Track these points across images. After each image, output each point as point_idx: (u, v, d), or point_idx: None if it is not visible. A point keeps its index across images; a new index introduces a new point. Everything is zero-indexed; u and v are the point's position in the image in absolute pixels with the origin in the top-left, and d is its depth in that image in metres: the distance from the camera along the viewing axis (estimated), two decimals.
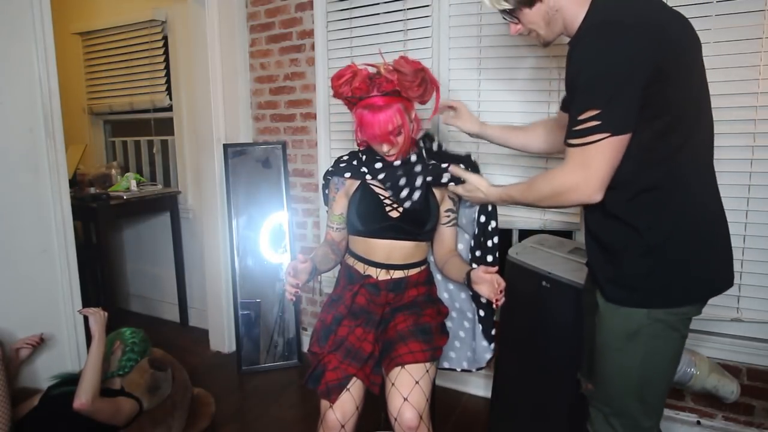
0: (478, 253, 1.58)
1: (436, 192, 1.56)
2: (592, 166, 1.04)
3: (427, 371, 1.44)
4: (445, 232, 1.61)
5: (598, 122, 1.01)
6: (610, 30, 1.01)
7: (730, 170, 1.74)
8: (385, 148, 1.48)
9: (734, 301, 1.81)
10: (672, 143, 1.06)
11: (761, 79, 1.68)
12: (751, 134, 1.72)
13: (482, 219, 1.55)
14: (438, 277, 1.73)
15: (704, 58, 1.15)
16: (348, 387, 1.43)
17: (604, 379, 1.22)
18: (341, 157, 1.63)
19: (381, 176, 1.51)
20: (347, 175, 1.56)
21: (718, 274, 1.17)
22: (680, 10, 1.70)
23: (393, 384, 1.41)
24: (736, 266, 1.76)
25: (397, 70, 1.41)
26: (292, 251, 2.74)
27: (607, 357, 1.20)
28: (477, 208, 1.56)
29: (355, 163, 1.58)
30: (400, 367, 1.43)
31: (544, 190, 1.16)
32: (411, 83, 1.43)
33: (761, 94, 1.68)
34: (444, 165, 1.51)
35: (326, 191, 1.68)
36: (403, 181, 1.49)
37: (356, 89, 1.42)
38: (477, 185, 1.43)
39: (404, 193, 1.48)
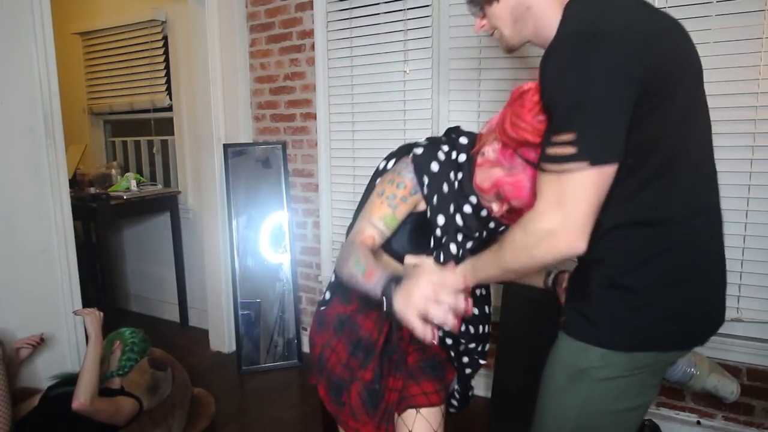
0: None
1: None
2: (568, 205, 0.83)
3: (443, 414, 1.33)
4: None
5: (574, 149, 0.82)
6: (584, 42, 0.83)
7: (730, 170, 1.74)
8: (500, 207, 1.12)
9: (734, 301, 1.80)
10: (643, 177, 0.88)
11: (761, 79, 1.68)
12: (751, 134, 1.72)
13: None
14: None
15: (704, 58, 1.03)
16: None
17: (537, 419, 1.05)
18: (440, 151, 1.15)
19: (461, 223, 1.17)
20: (436, 198, 1.14)
21: (691, 325, 0.96)
22: (680, 10, 1.74)
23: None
24: (737, 266, 1.78)
25: None
26: (292, 251, 2.74)
27: (547, 394, 1.03)
28: None
29: (446, 190, 1.15)
30: (414, 411, 1.28)
31: (517, 245, 0.89)
32: None
33: (761, 94, 1.69)
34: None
35: (387, 171, 1.21)
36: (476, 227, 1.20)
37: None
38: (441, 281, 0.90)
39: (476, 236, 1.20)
